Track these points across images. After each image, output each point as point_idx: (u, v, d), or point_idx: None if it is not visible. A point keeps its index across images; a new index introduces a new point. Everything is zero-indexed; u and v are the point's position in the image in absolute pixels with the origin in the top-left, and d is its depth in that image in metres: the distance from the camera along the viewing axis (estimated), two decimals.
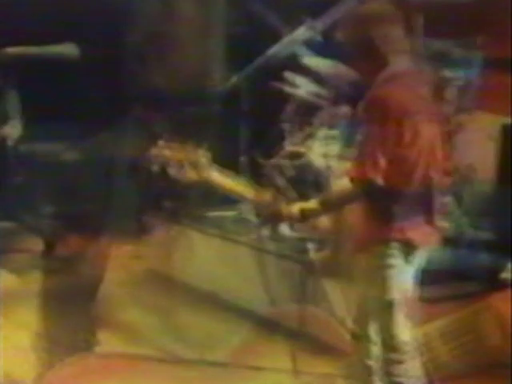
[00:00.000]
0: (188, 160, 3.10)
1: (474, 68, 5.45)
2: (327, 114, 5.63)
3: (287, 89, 5.81)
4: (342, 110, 5.61)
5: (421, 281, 3.28)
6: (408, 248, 3.14)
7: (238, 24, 6.78)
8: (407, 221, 3.11)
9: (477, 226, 5.29)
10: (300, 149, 5.70)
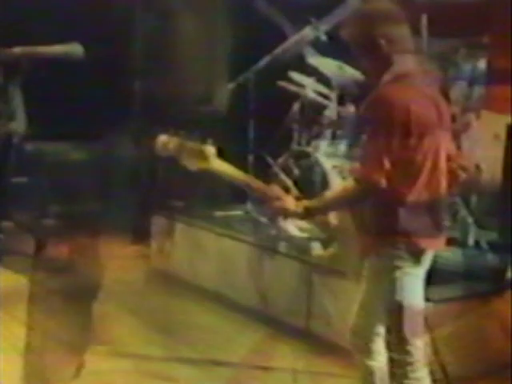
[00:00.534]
0: (194, 148, 3.08)
1: (480, 68, 5.44)
2: (333, 114, 5.64)
3: (294, 88, 5.82)
4: (348, 110, 5.61)
5: (427, 281, 3.26)
6: (415, 251, 3.12)
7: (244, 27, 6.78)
8: (413, 224, 3.08)
9: (483, 226, 5.28)
10: (307, 148, 5.70)
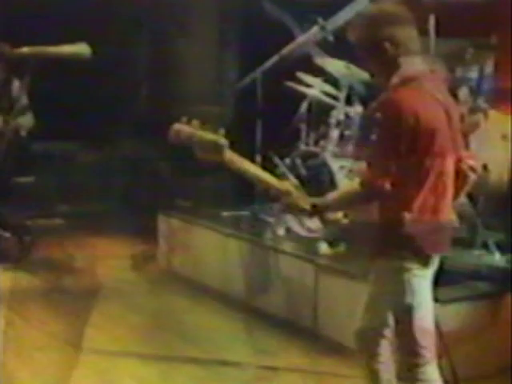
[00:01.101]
0: (207, 139, 3.06)
1: (488, 68, 5.43)
2: (341, 114, 5.64)
3: (301, 89, 5.82)
4: (356, 110, 5.60)
5: (435, 282, 3.26)
6: (421, 255, 3.11)
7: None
8: (418, 228, 3.07)
9: (491, 227, 5.27)
10: (314, 148, 5.70)
